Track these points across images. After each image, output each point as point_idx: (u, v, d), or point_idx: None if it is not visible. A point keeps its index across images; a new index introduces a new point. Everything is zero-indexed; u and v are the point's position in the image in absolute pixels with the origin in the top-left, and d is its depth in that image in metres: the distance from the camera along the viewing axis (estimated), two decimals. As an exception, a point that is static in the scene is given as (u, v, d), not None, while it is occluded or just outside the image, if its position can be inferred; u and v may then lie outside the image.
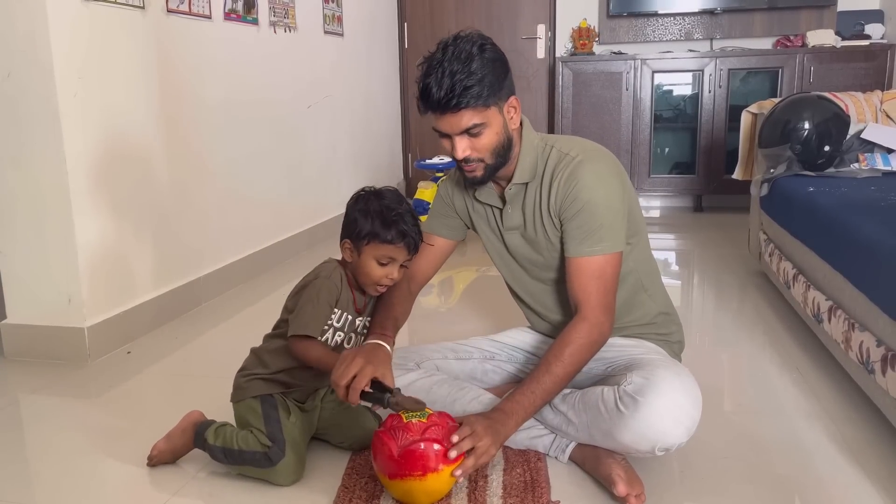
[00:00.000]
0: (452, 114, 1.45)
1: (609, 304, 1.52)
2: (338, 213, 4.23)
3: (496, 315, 2.61)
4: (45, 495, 1.55)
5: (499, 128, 1.50)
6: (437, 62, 1.44)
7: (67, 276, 2.24)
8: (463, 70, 1.42)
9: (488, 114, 1.47)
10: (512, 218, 1.64)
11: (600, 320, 1.50)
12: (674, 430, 1.37)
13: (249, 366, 1.62)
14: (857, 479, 1.51)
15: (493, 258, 1.75)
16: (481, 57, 1.44)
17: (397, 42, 5.31)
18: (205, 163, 2.90)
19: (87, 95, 2.24)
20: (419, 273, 1.76)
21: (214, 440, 1.54)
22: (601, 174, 1.53)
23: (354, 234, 1.55)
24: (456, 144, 1.49)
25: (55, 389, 2.09)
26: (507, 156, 1.55)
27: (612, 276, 1.53)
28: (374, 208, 1.53)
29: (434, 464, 1.33)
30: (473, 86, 1.42)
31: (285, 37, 3.55)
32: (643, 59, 4.56)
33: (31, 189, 2.21)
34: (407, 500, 1.39)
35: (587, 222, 1.51)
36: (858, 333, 1.76)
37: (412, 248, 1.55)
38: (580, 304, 1.52)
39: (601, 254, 1.51)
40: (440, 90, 1.43)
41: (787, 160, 2.76)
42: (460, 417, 1.44)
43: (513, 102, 1.52)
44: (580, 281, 1.52)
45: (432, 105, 1.45)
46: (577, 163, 1.53)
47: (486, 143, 1.50)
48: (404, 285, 1.71)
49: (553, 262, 1.62)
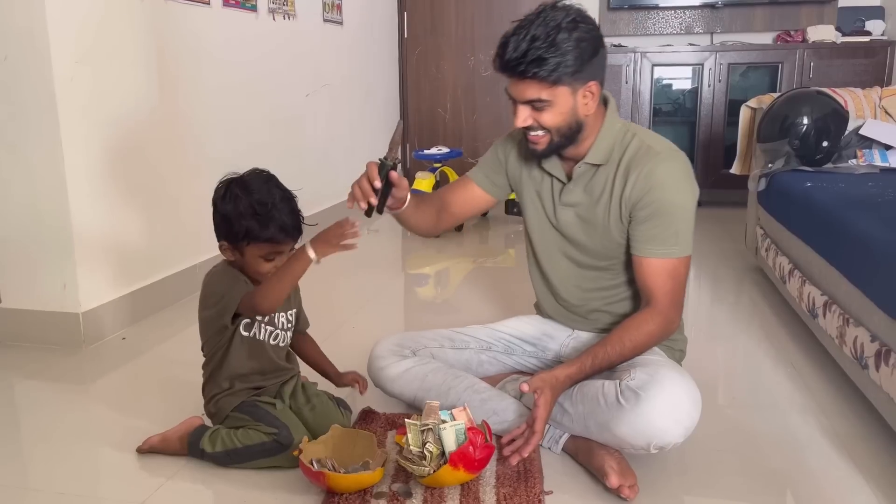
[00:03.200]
0: (519, 80, 1.42)
1: (679, 302, 1.53)
2: (335, 203, 4.23)
3: (494, 306, 2.61)
4: (39, 480, 1.55)
5: (565, 109, 1.45)
6: (526, 23, 1.40)
7: (62, 261, 2.24)
8: (545, 39, 1.37)
9: (556, 92, 1.42)
10: (572, 194, 1.60)
11: (671, 317, 1.51)
12: (672, 428, 1.37)
13: (209, 392, 1.60)
14: (849, 474, 1.52)
15: (532, 227, 1.71)
16: (570, 32, 1.38)
17: (397, 32, 5.29)
18: (202, 149, 2.89)
19: (84, 80, 2.22)
20: (452, 203, 1.75)
21: (213, 447, 1.52)
22: (681, 177, 1.50)
23: (231, 235, 1.49)
24: (518, 112, 1.47)
25: (49, 375, 2.09)
26: (575, 138, 1.51)
27: (685, 276, 1.53)
28: (244, 206, 1.46)
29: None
30: (548, 59, 1.37)
31: (284, 24, 3.53)
32: (643, 53, 4.54)
33: (26, 174, 2.20)
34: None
35: (664, 224, 1.48)
36: (853, 329, 1.76)
37: (296, 235, 1.51)
38: (654, 299, 1.51)
39: (677, 256, 1.49)
40: (515, 51, 1.39)
41: (785, 155, 2.76)
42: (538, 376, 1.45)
43: (591, 88, 1.46)
44: (654, 279, 1.51)
45: (503, 64, 1.42)
46: (659, 159, 1.49)
47: (547, 121, 1.46)
48: (434, 199, 1.74)
49: (597, 248, 1.60)
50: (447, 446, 1.38)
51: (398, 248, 3.98)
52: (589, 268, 1.65)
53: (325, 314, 1.72)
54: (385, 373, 1.71)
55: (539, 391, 1.41)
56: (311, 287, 1.68)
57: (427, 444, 1.39)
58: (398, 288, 3.17)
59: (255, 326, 1.56)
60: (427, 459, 1.38)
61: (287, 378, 1.65)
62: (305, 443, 1.45)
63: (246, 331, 1.56)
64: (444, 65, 5.26)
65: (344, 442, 1.50)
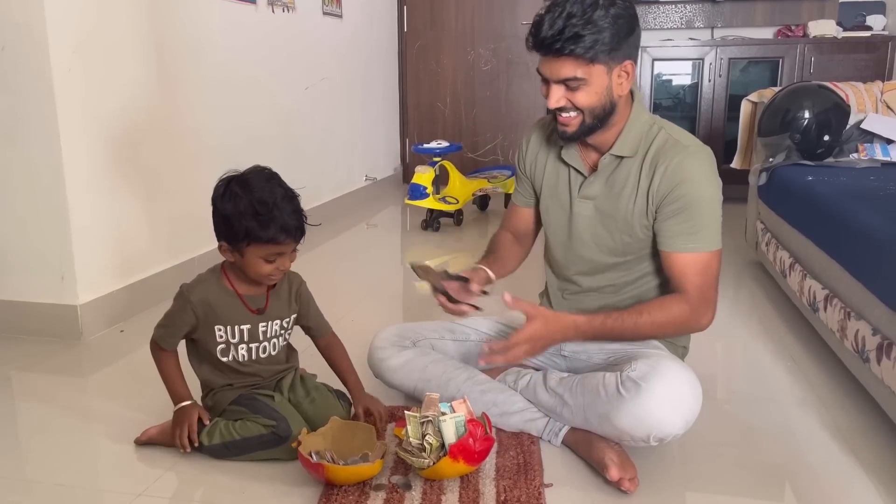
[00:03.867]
0: (555, 58, 1.39)
1: (711, 299, 1.49)
2: (334, 196, 4.23)
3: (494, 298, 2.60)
4: (37, 472, 1.54)
5: (601, 88, 1.43)
6: (561, 0, 1.37)
7: (61, 253, 2.23)
8: (581, 16, 1.35)
9: (592, 70, 1.40)
10: (592, 187, 1.57)
11: (700, 311, 1.48)
12: (673, 420, 1.36)
13: (205, 387, 1.60)
14: (850, 467, 1.52)
15: (550, 220, 1.68)
16: (606, 9, 1.37)
17: (397, 25, 5.27)
18: (200, 141, 2.88)
19: (83, 71, 2.21)
20: (520, 229, 1.78)
21: (210, 440, 1.50)
22: (708, 172, 1.48)
23: (231, 236, 1.45)
24: (551, 92, 1.44)
25: (47, 367, 2.08)
26: (607, 121, 1.48)
27: (716, 271, 1.50)
28: (244, 206, 1.41)
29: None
30: (585, 36, 1.35)
31: (283, 16, 3.52)
32: (643, 47, 4.52)
33: (24, 165, 2.18)
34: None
35: (693, 220, 1.46)
36: (854, 322, 1.75)
37: (299, 236, 1.46)
38: (684, 292, 1.48)
39: (706, 251, 1.47)
40: (550, 28, 1.37)
41: (786, 149, 2.75)
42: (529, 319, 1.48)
43: (627, 67, 1.43)
44: (684, 274, 1.48)
45: (538, 42, 1.40)
46: (687, 153, 1.47)
47: (582, 100, 1.43)
48: (504, 234, 1.78)
49: (616, 243, 1.56)
50: (447, 438, 1.37)
51: (397, 241, 3.97)
52: (604, 264, 1.61)
53: (325, 307, 1.71)
54: (385, 364, 1.70)
55: (531, 317, 1.45)
56: (311, 281, 1.67)
57: (427, 436, 1.39)
58: (397, 281, 3.16)
59: (231, 350, 1.54)
60: (427, 451, 1.38)
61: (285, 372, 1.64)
62: (304, 434, 1.44)
63: (223, 356, 1.54)
64: (443, 59, 5.24)
65: (343, 434, 1.50)
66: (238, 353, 1.54)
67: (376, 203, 4.71)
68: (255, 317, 1.54)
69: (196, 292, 1.51)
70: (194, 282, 1.54)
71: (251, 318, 1.54)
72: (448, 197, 3.92)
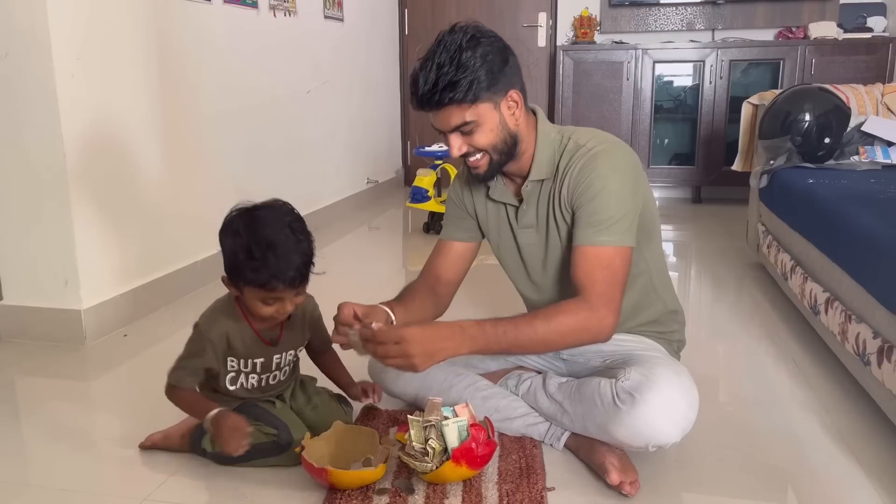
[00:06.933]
0: (439, 110, 1.40)
1: (614, 299, 1.41)
2: (336, 199, 4.23)
3: (495, 303, 2.61)
4: (41, 476, 1.55)
5: (494, 125, 1.43)
6: (430, 55, 1.39)
7: (64, 258, 2.24)
8: (451, 63, 1.36)
9: (478, 110, 1.40)
10: (527, 215, 1.57)
11: (601, 313, 1.39)
12: (669, 430, 1.36)
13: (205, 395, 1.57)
14: (851, 470, 1.52)
15: (504, 257, 1.69)
16: (473, 49, 1.38)
17: (398, 28, 5.28)
18: (203, 146, 2.89)
19: (85, 77, 2.22)
20: (442, 274, 1.70)
21: (214, 447, 1.50)
22: (616, 166, 1.47)
23: (229, 272, 1.40)
24: (451, 142, 1.45)
25: (51, 371, 2.09)
26: (513, 152, 1.49)
27: (621, 269, 1.42)
28: (240, 245, 1.34)
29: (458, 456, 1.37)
30: (459, 80, 1.36)
31: (285, 21, 3.53)
32: (644, 49, 4.54)
33: (27, 170, 2.19)
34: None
35: (598, 211, 1.43)
36: (855, 325, 1.76)
37: (296, 283, 1.38)
38: (583, 291, 1.41)
39: (610, 245, 1.42)
40: (426, 83, 1.38)
41: (787, 152, 2.75)
42: (402, 329, 1.37)
43: (513, 96, 1.44)
44: (585, 269, 1.42)
45: (419, 100, 1.41)
46: (592, 154, 1.46)
47: (480, 141, 1.44)
48: (423, 282, 1.69)
49: (564, 261, 1.55)
50: (450, 443, 1.38)
51: (399, 244, 3.98)
52: (562, 287, 1.59)
53: (327, 311, 1.71)
54: (386, 373, 1.71)
55: (406, 344, 1.32)
56: (312, 283, 1.67)
57: (430, 440, 1.39)
58: (399, 285, 3.16)
59: (240, 379, 1.51)
60: (430, 456, 1.38)
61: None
62: (308, 439, 1.45)
63: (232, 385, 1.52)
64: (444, 61, 5.24)
65: (346, 438, 1.50)
66: (248, 381, 1.52)
67: (378, 206, 4.72)
68: (270, 349, 1.51)
69: (214, 329, 1.45)
70: (209, 316, 1.48)
71: (266, 351, 1.51)
72: (449, 200, 3.91)
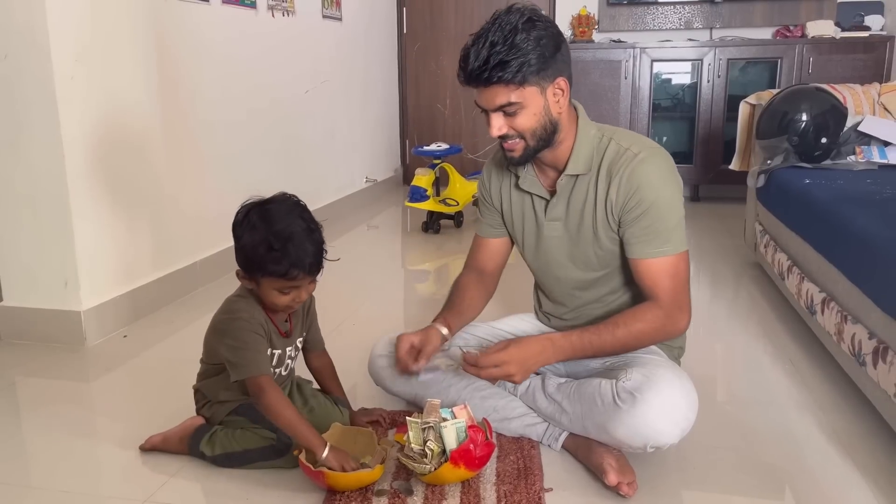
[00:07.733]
0: (486, 87, 1.41)
1: (684, 302, 1.50)
2: (334, 199, 4.24)
3: (493, 303, 2.62)
4: (41, 478, 1.55)
5: (538, 109, 1.44)
6: (483, 32, 1.40)
7: (64, 259, 2.24)
8: (504, 43, 1.37)
9: (524, 93, 1.41)
10: (556, 208, 1.58)
11: (675, 317, 1.48)
12: (668, 430, 1.38)
13: (200, 398, 1.59)
14: (846, 470, 1.53)
15: (525, 246, 1.70)
16: (528, 32, 1.38)
17: (396, 27, 5.28)
18: (202, 147, 2.89)
19: (85, 79, 2.22)
20: (485, 266, 1.75)
21: (213, 451, 1.52)
22: (664, 174, 1.48)
23: (246, 265, 1.44)
24: (491, 121, 1.46)
25: (51, 372, 2.10)
26: (551, 140, 1.49)
27: (685, 272, 1.50)
28: (259, 238, 1.39)
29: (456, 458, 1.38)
30: (510, 61, 1.37)
31: (283, 21, 3.53)
32: (642, 48, 4.54)
33: (27, 172, 2.20)
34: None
35: (654, 223, 1.46)
36: (851, 326, 1.77)
37: (314, 270, 1.43)
38: (655, 298, 1.48)
39: (673, 254, 1.47)
40: (476, 60, 1.39)
41: (784, 151, 2.76)
42: (504, 342, 1.48)
43: (560, 84, 1.44)
44: (653, 279, 1.48)
45: (468, 76, 1.42)
46: (639, 160, 1.47)
47: (522, 124, 1.44)
48: (468, 276, 1.73)
49: (590, 258, 1.58)
50: (448, 444, 1.39)
51: (398, 244, 3.99)
52: (585, 280, 1.63)
53: (326, 311, 1.73)
54: (386, 372, 1.72)
55: (505, 343, 1.46)
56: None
57: (428, 441, 1.40)
58: (398, 284, 3.18)
59: None
60: (428, 457, 1.39)
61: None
62: None
63: None
64: (443, 60, 5.25)
65: (344, 440, 1.51)
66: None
67: (377, 205, 4.73)
68: (285, 340, 1.54)
69: (256, 317, 1.46)
70: (245, 308, 1.48)
71: (281, 342, 1.53)
72: (448, 199, 3.93)
